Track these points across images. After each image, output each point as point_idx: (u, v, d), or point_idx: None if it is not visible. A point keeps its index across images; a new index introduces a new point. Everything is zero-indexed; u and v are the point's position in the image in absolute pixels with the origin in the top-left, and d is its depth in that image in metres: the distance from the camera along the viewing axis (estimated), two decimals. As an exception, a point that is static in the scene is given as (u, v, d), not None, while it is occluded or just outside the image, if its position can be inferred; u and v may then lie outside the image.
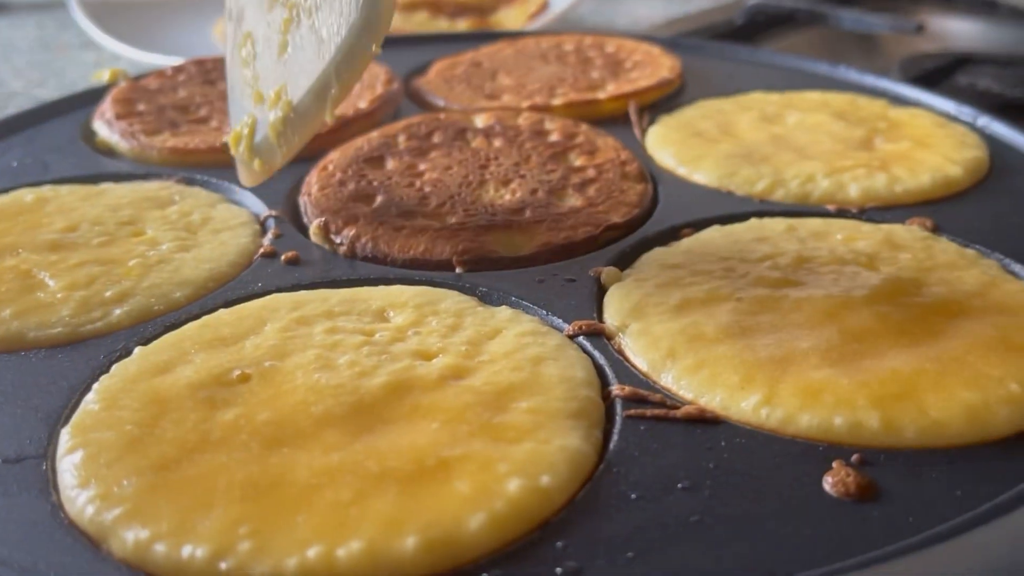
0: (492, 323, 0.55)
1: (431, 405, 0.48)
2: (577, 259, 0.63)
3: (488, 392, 0.49)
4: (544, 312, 0.58)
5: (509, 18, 1.44)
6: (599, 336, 0.55)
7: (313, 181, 0.73)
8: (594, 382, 0.51)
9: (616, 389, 0.50)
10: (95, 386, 0.50)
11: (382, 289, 0.59)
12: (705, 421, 0.48)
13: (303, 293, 0.59)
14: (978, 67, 1.19)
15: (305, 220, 0.69)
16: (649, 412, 0.48)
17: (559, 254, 0.64)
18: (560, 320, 0.57)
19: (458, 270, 0.62)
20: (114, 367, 0.52)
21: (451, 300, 0.58)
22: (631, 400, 0.50)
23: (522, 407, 0.48)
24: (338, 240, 0.65)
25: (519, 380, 0.50)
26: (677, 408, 0.49)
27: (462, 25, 1.41)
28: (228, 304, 0.58)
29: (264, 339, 0.54)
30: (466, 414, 0.47)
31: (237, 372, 0.51)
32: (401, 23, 1.41)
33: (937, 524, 0.41)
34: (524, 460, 0.44)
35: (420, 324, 0.55)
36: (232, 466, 0.44)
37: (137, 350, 0.53)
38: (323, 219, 0.66)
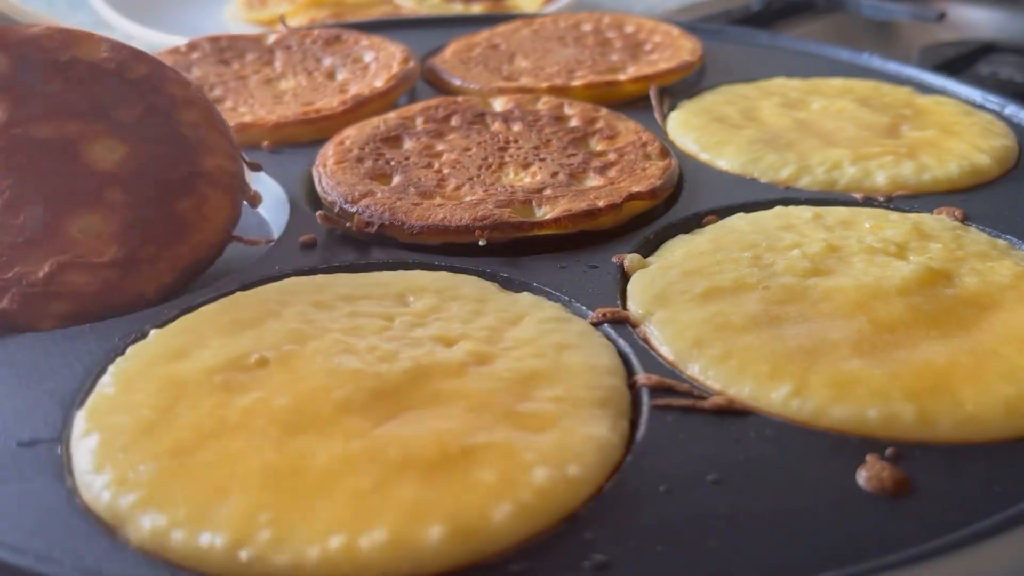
0: (514, 309, 0.54)
1: (453, 391, 0.47)
2: (599, 246, 0.62)
3: (511, 379, 0.48)
4: (566, 298, 0.56)
5: (524, 1, 1.42)
6: (623, 324, 0.54)
7: (329, 154, 0.71)
8: (619, 370, 0.50)
9: (642, 378, 0.49)
10: (110, 369, 0.49)
11: (402, 273, 0.58)
12: (734, 412, 0.47)
13: (321, 277, 0.58)
14: (1000, 56, 1.18)
15: (319, 191, 0.68)
16: (677, 402, 0.47)
17: (580, 221, 0.62)
18: (583, 307, 0.55)
19: (480, 241, 0.60)
20: (129, 349, 0.51)
21: (472, 285, 0.57)
22: (658, 389, 0.48)
23: (546, 395, 0.47)
24: (355, 209, 0.64)
25: (543, 367, 0.49)
26: (705, 398, 0.48)
27: (477, 8, 1.40)
28: (245, 287, 0.57)
29: (283, 323, 0.52)
30: (489, 401, 0.46)
31: (255, 356, 0.49)
32: (415, 5, 1.39)
33: (976, 521, 0.40)
34: (550, 449, 0.43)
35: (441, 309, 0.54)
36: (250, 452, 0.43)
37: (153, 332, 0.52)
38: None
